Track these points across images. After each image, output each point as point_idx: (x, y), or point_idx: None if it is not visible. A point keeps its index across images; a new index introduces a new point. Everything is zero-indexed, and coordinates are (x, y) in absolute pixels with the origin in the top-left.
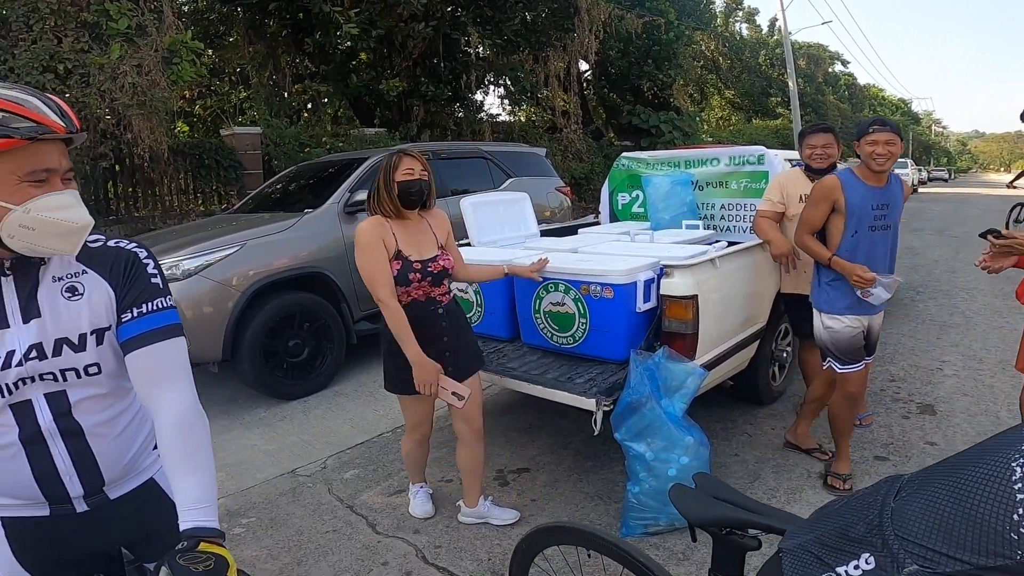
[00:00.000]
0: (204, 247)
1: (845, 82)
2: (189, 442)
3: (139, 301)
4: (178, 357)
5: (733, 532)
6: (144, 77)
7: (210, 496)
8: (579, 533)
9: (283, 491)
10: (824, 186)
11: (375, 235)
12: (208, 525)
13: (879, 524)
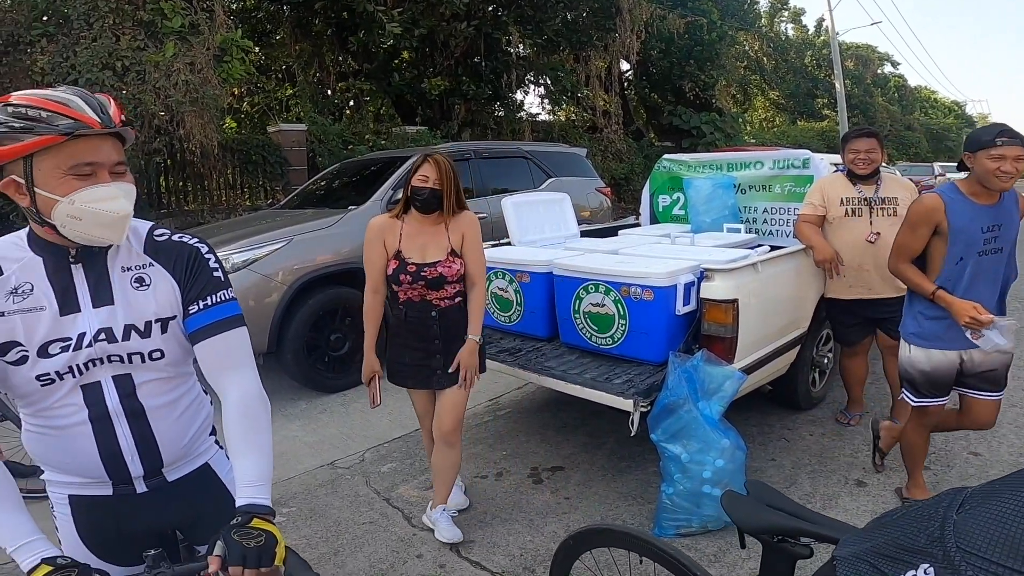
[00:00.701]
0: (252, 242)
1: (895, 84)
2: (251, 425)
3: (204, 294)
4: (242, 345)
5: (785, 540)
6: (197, 75)
7: (265, 476)
8: (629, 537)
9: (322, 482)
10: (924, 207)
11: (376, 233)
12: (261, 503)
13: (940, 536)
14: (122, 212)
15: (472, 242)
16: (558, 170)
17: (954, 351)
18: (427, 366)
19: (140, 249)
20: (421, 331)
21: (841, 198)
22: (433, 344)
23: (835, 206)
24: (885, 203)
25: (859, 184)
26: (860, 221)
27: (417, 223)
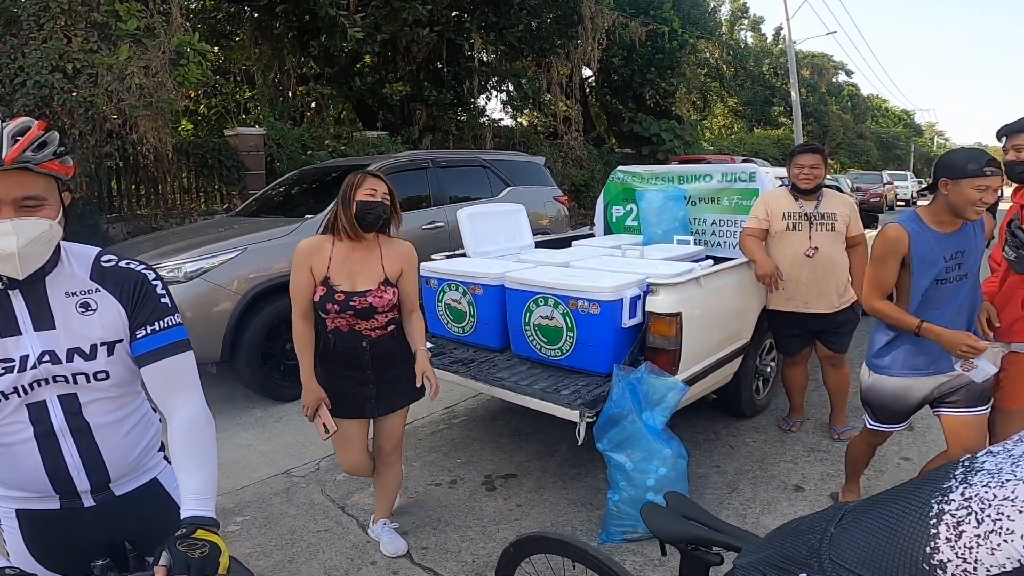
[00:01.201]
0: (206, 251)
1: (848, 92)
2: (196, 444)
3: (152, 319)
4: (188, 368)
5: (698, 548)
6: (151, 78)
7: (210, 490)
8: (564, 544)
9: (277, 491)
10: (888, 239)
11: (303, 258)
12: (205, 514)
13: (819, 548)
14: (7, 251)
15: (410, 276)
16: (516, 179)
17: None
18: (360, 394)
19: (86, 275)
20: (352, 362)
21: (783, 212)
22: (365, 374)
23: (777, 220)
24: (824, 218)
25: (801, 199)
26: (800, 235)
27: (348, 247)
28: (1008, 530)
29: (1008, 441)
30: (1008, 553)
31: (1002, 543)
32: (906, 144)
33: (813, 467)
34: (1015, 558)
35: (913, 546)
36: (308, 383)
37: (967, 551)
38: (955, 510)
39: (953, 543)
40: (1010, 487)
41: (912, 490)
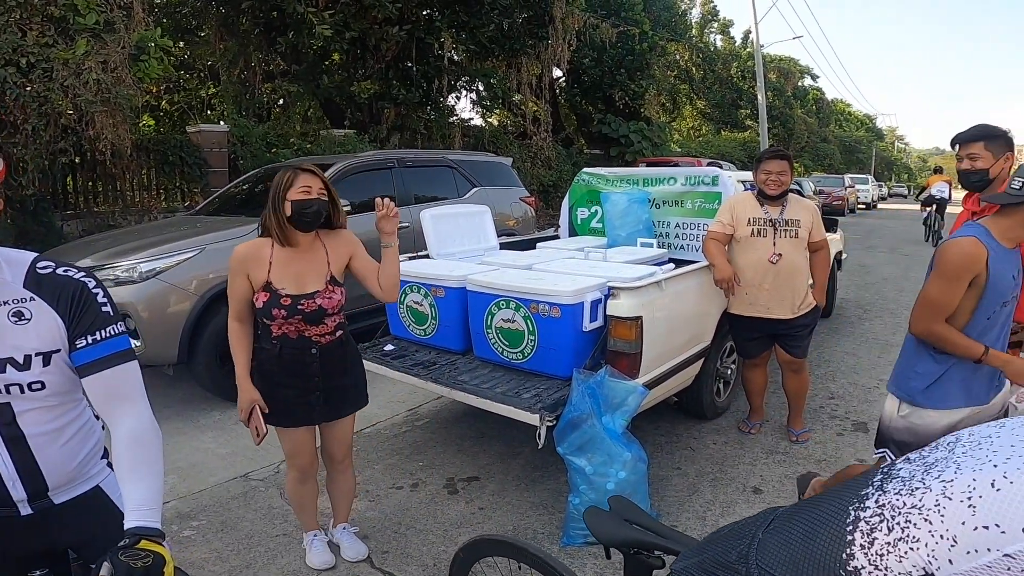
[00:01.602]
0: (162, 250)
1: (813, 96)
2: (140, 454)
3: (92, 329)
4: (132, 379)
5: (640, 552)
6: (110, 73)
7: (155, 500)
8: (510, 546)
9: (235, 495)
10: (967, 254)
11: (239, 265)
12: (149, 525)
13: (747, 553)
14: None
15: (362, 255)
16: (483, 179)
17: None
18: (304, 403)
19: (19, 283)
20: (298, 369)
21: (749, 218)
22: (312, 382)
23: (742, 225)
24: (788, 224)
25: (766, 205)
26: (764, 241)
27: (291, 251)
28: (914, 538)
29: (925, 448)
30: (914, 561)
31: (908, 551)
32: (867, 148)
33: (772, 469)
34: (920, 566)
35: (831, 552)
36: (243, 384)
37: (878, 558)
38: (869, 517)
39: (867, 550)
40: (919, 495)
41: (833, 497)
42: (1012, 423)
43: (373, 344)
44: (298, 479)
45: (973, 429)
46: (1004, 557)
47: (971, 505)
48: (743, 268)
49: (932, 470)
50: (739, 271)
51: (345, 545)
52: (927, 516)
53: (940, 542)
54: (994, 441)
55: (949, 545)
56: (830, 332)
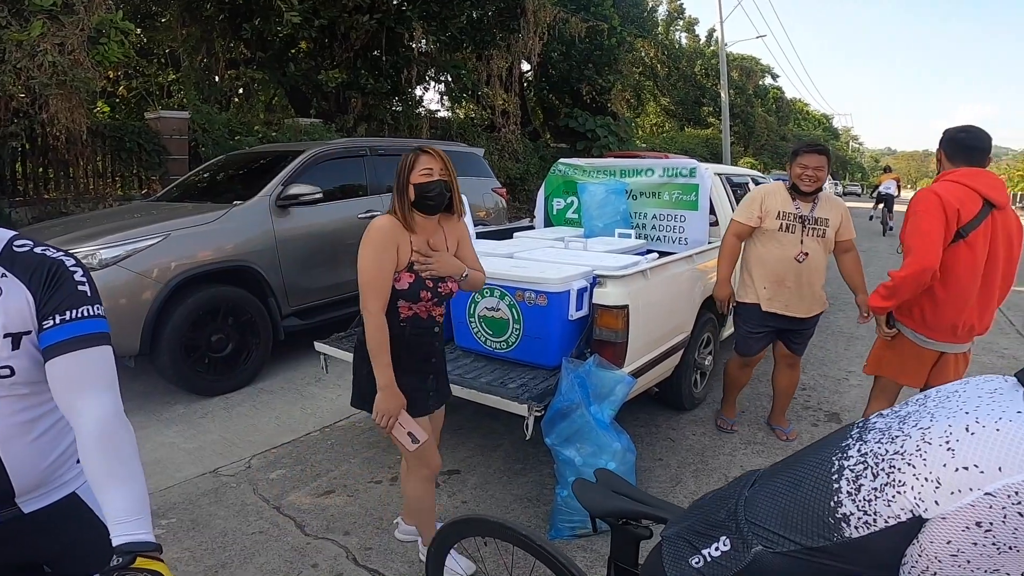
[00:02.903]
0: (125, 236)
1: (774, 95)
2: (113, 452)
3: (63, 308)
4: (104, 366)
5: (628, 522)
6: (66, 56)
7: (142, 508)
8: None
9: (205, 491)
10: None
11: (391, 237)
12: (142, 539)
13: (735, 511)
14: None
15: (467, 245)
16: (456, 169)
17: None
18: (422, 389)
19: None
20: (423, 351)
21: (779, 211)
22: (430, 364)
23: (772, 218)
24: (817, 223)
25: (798, 200)
26: (792, 238)
27: (422, 232)
28: (900, 482)
29: (896, 405)
30: (902, 504)
31: (896, 495)
32: None
33: (751, 459)
34: (908, 508)
35: (818, 500)
36: (391, 387)
37: (866, 503)
38: (853, 465)
39: (853, 496)
40: (899, 442)
41: (815, 451)
42: (974, 380)
43: (348, 334)
44: (428, 478)
45: (939, 387)
46: (985, 496)
47: (950, 448)
48: (766, 261)
49: (908, 420)
50: (760, 264)
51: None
52: (910, 461)
53: (925, 484)
54: (961, 395)
55: (934, 487)
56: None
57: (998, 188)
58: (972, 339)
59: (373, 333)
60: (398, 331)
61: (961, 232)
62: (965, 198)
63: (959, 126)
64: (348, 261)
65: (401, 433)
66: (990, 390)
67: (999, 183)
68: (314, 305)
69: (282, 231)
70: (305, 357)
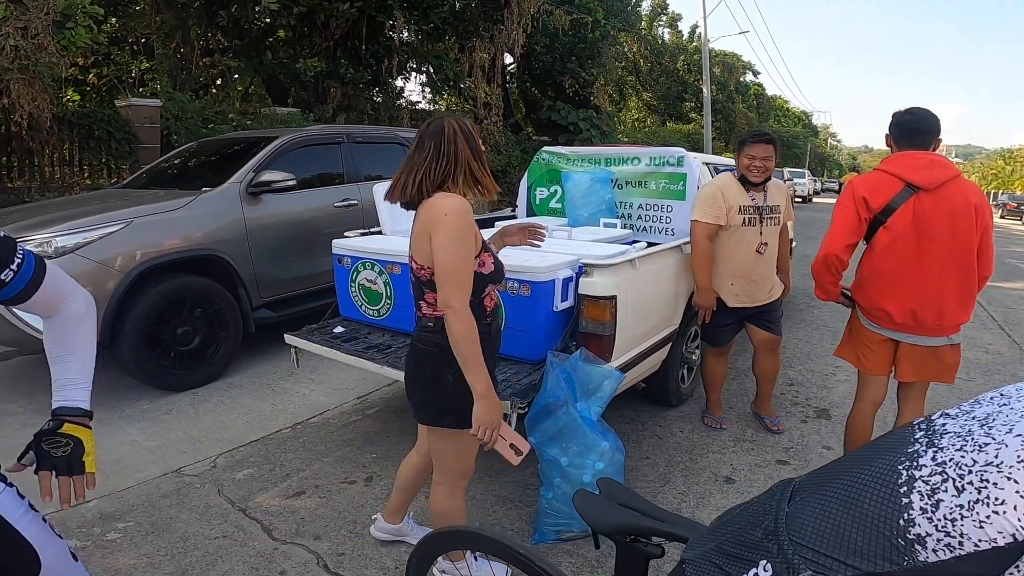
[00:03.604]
0: (84, 223)
1: (755, 92)
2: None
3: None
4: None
5: (637, 540)
6: (30, 40)
7: (85, 376)
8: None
9: (166, 492)
10: None
11: (472, 221)
12: (75, 404)
13: (775, 529)
14: None
15: None
16: None
17: None
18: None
19: None
20: (494, 347)
21: (739, 205)
22: (494, 360)
23: (734, 214)
24: (772, 212)
25: (752, 191)
26: (754, 231)
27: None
28: (997, 499)
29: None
30: (1000, 526)
31: (992, 515)
32: (803, 144)
33: (741, 457)
34: (1009, 532)
35: (884, 517)
36: (491, 394)
37: (949, 523)
38: (928, 476)
39: (930, 514)
40: (990, 451)
41: (871, 457)
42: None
43: (321, 326)
44: (465, 489)
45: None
46: None
47: None
48: (732, 259)
49: (993, 424)
50: (728, 261)
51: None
52: (1010, 474)
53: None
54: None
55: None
56: (783, 319)
57: (925, 169)
58: (943, 334)
59: (467, 332)
60: (484, 328)
61: (879, 218)
62: (880, 184)
63: (905, 109)
64: (323, 251)
65: (503, 446)
66: None
67: (930, 164)
68: (287, 296)
69: (253, 219)
70: (277, 351)
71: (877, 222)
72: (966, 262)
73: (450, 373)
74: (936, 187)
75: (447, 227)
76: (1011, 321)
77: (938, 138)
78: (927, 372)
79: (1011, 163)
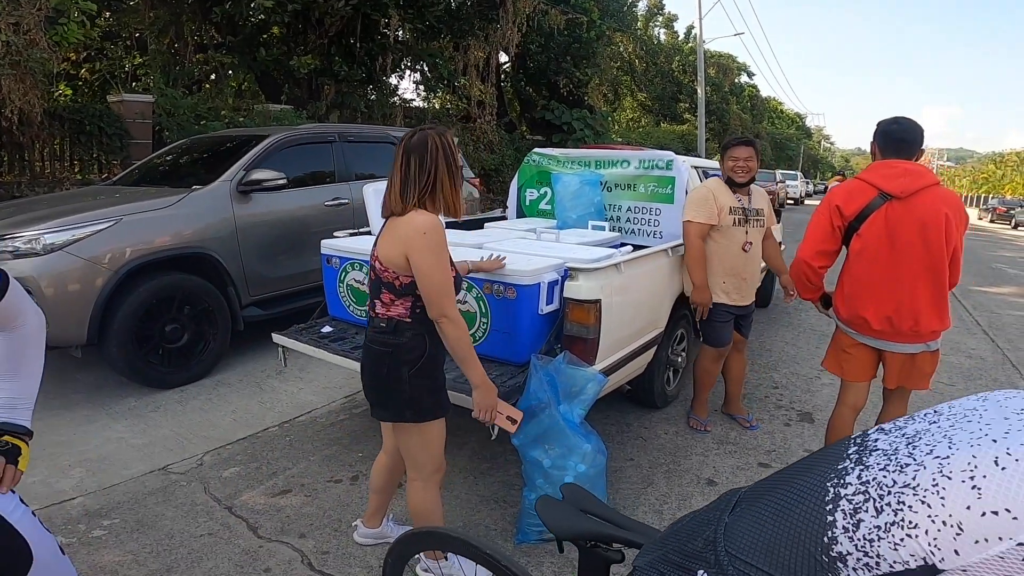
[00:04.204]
0: (73, 220)
1: (749, 93)
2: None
3: None
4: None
5: (598, 545)
6: (22, 36)
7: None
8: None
9: (152, 490)
10: None
11: (444, 235)
12: (16, 422)
13: (714, 540)
14: None
15: None
16: None
17: None
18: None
19: None
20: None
21: (729, 207)
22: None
23: (725, 214)
24: (758, 214)
25: (737, 192)
26: (740, 230)
27: None
28: (911, 523)
29: (899, 419)
30: (912, 549)
31: (905, 537)
32: (796, 146)
33: (724, 460)
34: (920, 555)
35: (809, 534)
36: (486, 380)
37: (867, 543)
38: (852, 495)
39: (851, 533)
40: (910, 472)
41: (805, 471)
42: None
43: (309, 325)
44: (440, 483)
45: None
46: (1019, 546)
47: (975, 486)
48: (723, 258)
49: (918, 444)
50: (720, 260)
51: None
52: (924, 498)
53: (943, 529)
54: (981, 414)
55: (954, 533)
56: (769, 322)
57: (899, 178)
58: (919, 340)
59: (463, 335)
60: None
61: (853, 225)
62: (855, 192)
63: (891, 118)
64: (312, 249)
65: (502, 420)
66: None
67: (904, 173)
68: (276, 295)
69: (243, 217)
70: (266, 349)
71: (852, 229)
72: (938, 270)
73: (406, 370)
74: (908, 195)
75: (427, 245)
76: (995, 326)
77: (921, 148)
78: (906, 379)
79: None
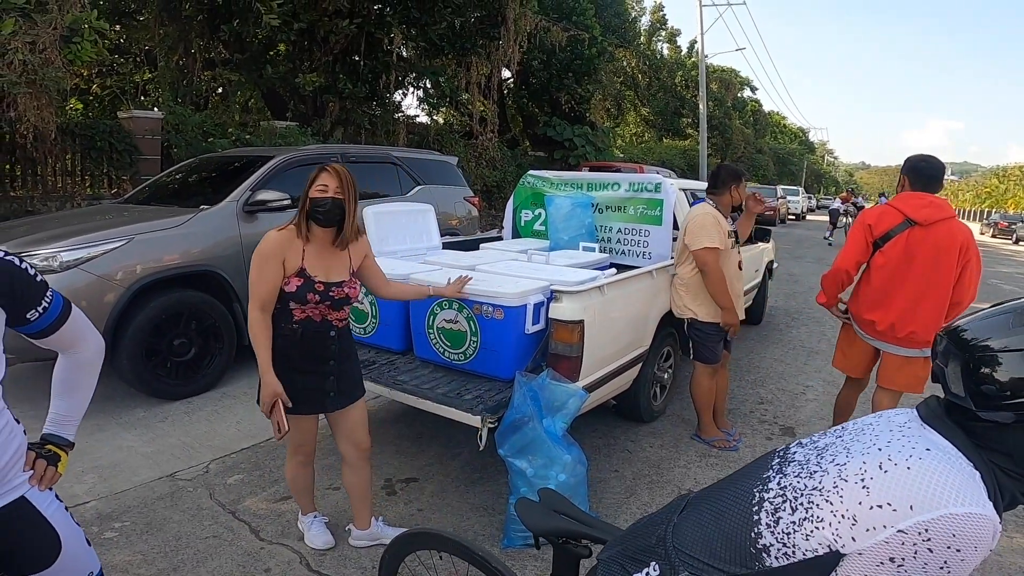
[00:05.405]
0: (87, 239)
1: (751, 108)
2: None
3: (37, 299)
4: (81, 321)
5: (568, 542)
6: (38, 55)
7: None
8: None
9: (161, 495)
10: None
11: (277, 249)
12: (64, 436)
13: (664, 536)
14: None
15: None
16: (428, 178)
17: None
18: (320, 389)
19: None
20: (318, 352)
21: (728, 231)
22: (328, 365)
23: (726, 238)
24: (738, 237)
25: (727, 218)
26: (734, 252)
27: (319, 243)
28: (818, 518)
29: (814, 434)
30: (820, 539)
31: (815, 529)
32: (799, 160)
33: (705, 472)
34: (826, 543)
35: (740, 531)
36: (267, 377)
37: (785, 536)
38: (773, 498)
39: (772, 528)
40: (817, 478)
41: (738, 480)
42: (888, 413)
43: None
44: (303, 463)
45: (857, 419)
46: (898, 533)
47: (865, 486)
48: (730, 279)
49: (825, 454)
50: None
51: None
52: (828, 497)
53: (842, 521)
54: (874, 428)
55: (850, 524)
56: (759, 339)
57: (924, 208)
58: (915, 346)
59: (253, 329)
60: (291, 331)
61: (878, 242)
62: (885, 215)
63: (920, 156)
64: None
65: (274, 420)
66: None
67: (928, 204)
68: None
69: (249, 236)
70: None
71: (876, 246)
72: (943, 289)
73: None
74: (929, 224)
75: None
76: None
77: (942, 184)
78: (898, 381)
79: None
